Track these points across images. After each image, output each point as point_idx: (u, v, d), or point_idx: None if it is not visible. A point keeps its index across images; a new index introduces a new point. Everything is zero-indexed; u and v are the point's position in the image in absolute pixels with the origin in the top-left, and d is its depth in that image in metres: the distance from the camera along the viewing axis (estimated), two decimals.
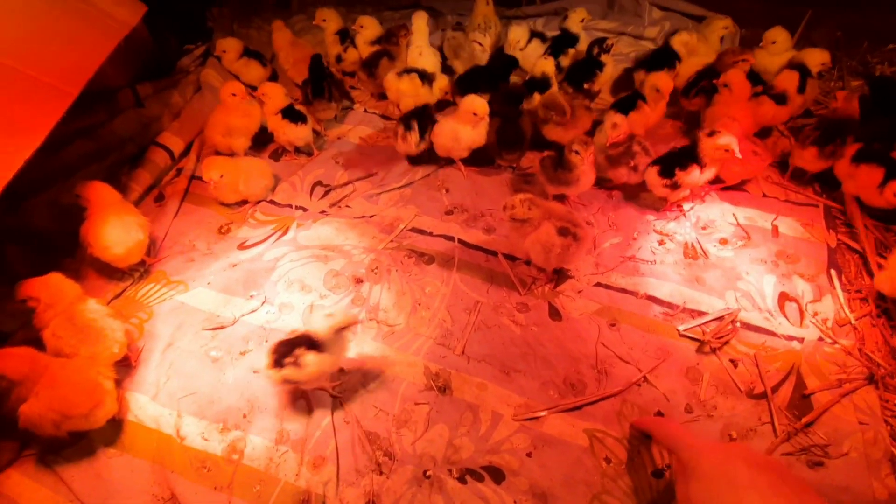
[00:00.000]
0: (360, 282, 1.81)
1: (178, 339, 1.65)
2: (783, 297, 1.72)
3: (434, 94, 2.47)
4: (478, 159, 2.22)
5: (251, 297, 1.76)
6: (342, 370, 1.55)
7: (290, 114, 2.21)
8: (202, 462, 1.38)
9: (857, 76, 2.65)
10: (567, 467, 1.35)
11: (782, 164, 2.21)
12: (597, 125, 2.20)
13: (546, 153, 2.00)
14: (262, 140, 2.34)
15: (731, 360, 1.57)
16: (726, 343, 1.60)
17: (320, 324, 1.37)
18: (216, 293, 1.77)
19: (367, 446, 1.39)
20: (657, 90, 2.12)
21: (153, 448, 1.40)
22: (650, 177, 1.92)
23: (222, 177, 1.96)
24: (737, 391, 1.50)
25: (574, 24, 2.59)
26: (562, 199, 2.02)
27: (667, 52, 2.41)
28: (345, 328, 1.38)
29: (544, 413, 1.45)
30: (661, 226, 1.97)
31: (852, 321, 1.63)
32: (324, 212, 2.08)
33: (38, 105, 1.53)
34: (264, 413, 1.47)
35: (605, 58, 2.40)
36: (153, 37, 2.48)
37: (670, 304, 1.71)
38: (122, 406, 1.46)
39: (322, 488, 1.32)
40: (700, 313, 1.68)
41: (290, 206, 2.11)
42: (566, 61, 2.57)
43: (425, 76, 2.41)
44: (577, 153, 1.83)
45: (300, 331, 1.40)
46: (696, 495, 1.02)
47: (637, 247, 1.89)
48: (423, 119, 2.14)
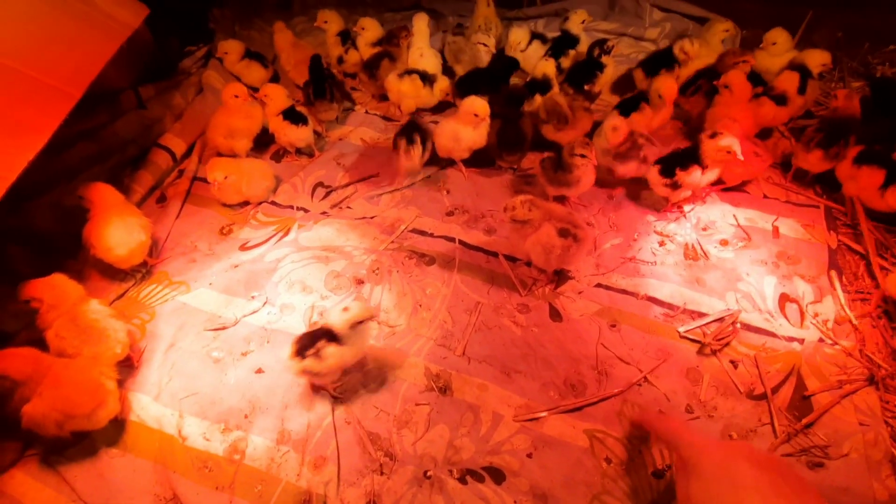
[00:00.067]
0: (361, 283, 1.81)
1: (179, 339, 1.66)
2: (784, 299, 1.72)
3: (435, 96, 2.48)
4: (479, 160, 2.23)
5: (252, 297, 1.77)
6: (345, 371, 1.56)
7: (290, 115, 2.21)
8: (204, 462, 1.38)
9: (857, 77, 2.65)
10: (567, 468, 1.35)
11: (783, 165, 2.21)
12: (597, 126, 2.20)
13: (546, 154, 2.00)
14: (263, 141, 2.35)
15: (732, 361, 1.57)
16: (727, 345, 1.60)
17: (337, 318, 1.38)
18: (218, 294, 1.78)
19: (367, 447, 1.40)
20: (660, 96, 2.12)
21: (155, 448, 1.41)
22: (652, 175, 1.93)
23: (226, 178, 1.96)
24: (737, 392, 1.50)
25: (575, 25, 2.60)
26: (562, 200, 2.03)
27: (667, 55, 2.42)
28: (362, 322, 1.39)
29: (545, 414, 1.45)
30: (662, 227, 1.97)
31: (853, 320, 1.63)
32: (325, 213, 2.08)
33: (41, 107, 1.54)
34: (265, 413, 1.47)
35: (605, 59, 2.41)
36: (155, 39, 2.49)
37: (671, 305, 1.71)
38: (124, 406, 1.46)
39: (323, 488, 1.33)
40: (700, 314, 1.68)
41: (291, 207, 2.12)
42: (567, 63, 2.58)
43: (426, 77, 2.42)
44: (584, 156, 1.83)
45: (320, 323, 1.42)
46: (696, 494, 1.02)
47: (637, 248, 1.90)
48: (421, 131, 2.10)
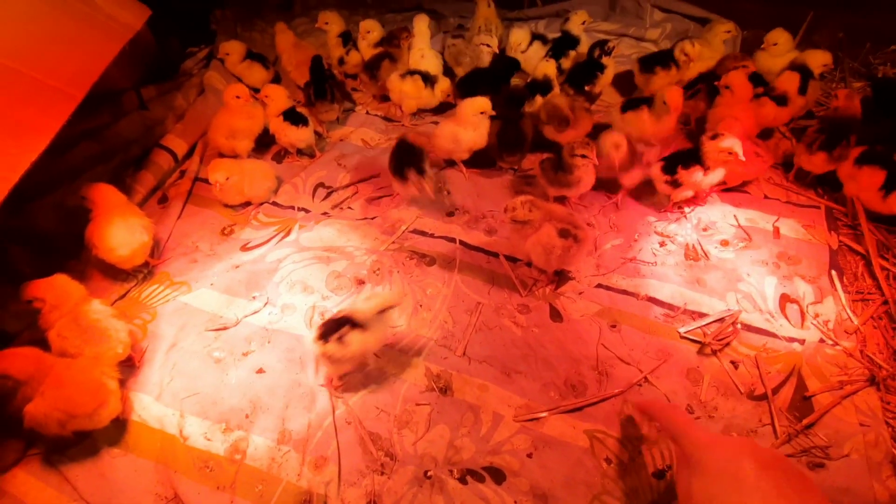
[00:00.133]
0: (361, 283, 1.82)
1: (181, 339, 1.66)
2: (784, 299, 1.72)
3: (436, 97, 2.48)
4: (479, 161, 2.23)
5: (254, 298, 1.77)
6: (360, 362, 1.56)
7: (291, 116, 2.22)
8: (205, 462, 1.39)
9: (859, 77, 2.64)
10: (568, 468, 1.35)
11: (784, 166, 2.21)
12: (598, 128, 2.19)
13: (546, 155, 2.00)
14: (264, 142, 2.36)
15: (732, 362, 1.57)
16: (727, 345, 1.60)
17: (363, 305, 1.40)
18: (219, 294, 1.78)
19: (368, 447, 1.40)
20: (664, 102, 2.04)
21: (156, 448, 1.41)
22: (654, 172, 1.94)
23: (228, 179, 1.97)
24: (737, 392, 1.50)
25: (575, 26, 2.60)
26: (562, 200, 2.03)
27: (665, 54, 2.42)
28: (387, 309, 1.42)
29: (545, 414, 1.46)
30: (663, 227, 1.97)
31: (854, 321, 1.63)
32: (326, 213, 2.09)
33: (43, 108, 1.54)
34: (266, 413, 1.48)
35: (606, 60, 2.41)
36: (157, 40, 2.50)
37: (671, 306, 1.71)
38: (125, 406, 1.46)
39: (324, 488, 1.33)
40: (701, 315, 1.68)
41: (292, 207, 2.12)
42: (567, 63, 2.58)
43: (428, 78, 2.43)
44: (584, 156, 1.83)
45: (345, 311, 1.44)
46: (698, 490, 1.00)
47: (638, 248, 1.90)
48: (420, 156, 1.96)
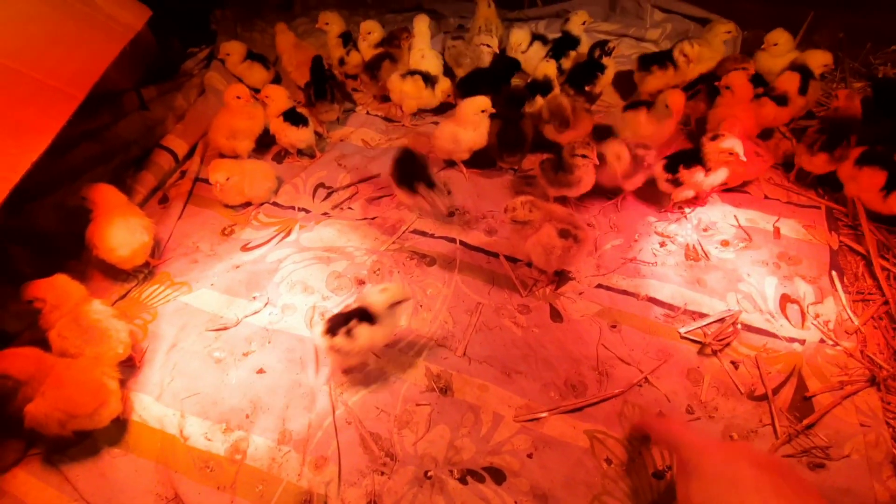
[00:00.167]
0: (362, 283, 1.82)
1: (181, 339, 1.66)
2: (785, 299, 1.72)
3: (436, 97, 2.48)
4: (479, 161, 2.23)
5: (254, 298, 1.77)
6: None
7: (291, 117, 2.22)
8: (205, 462, 1.39)
9: (859, 77, 2.64)
10: (568, 468, 1.36)
11: (784, 166, 2.21)
12: (599, 130, 2.18)
13: (546, 156, 2.00)
14: (265, 142, 2.36)
15: (732, 362, 1.57)
16: (727, 345, 1.60)
17: (375, 298, 1.41)
18: (219, 294, 1.78)
19: (368, 447, 1.40)
20: (666, 106, 2.03)
21: (157, 448, 1.42)
22: (657, 170, 1.94)
23: (228, 179, 1.97)
24: (738, 393, 1.50)
25: (575, 26, 2.60)
26: (563, 201, 2.03)
27: (664, 54, 2.42)
28: (398, 303, 1.43)
29: (545, 414, 1.46)
30: (663, 227, 1.97)
31: (854, 321, 1.63)
32: (326, 214, 2.09)
33: (44, 108, 1.54)
34: (267, 413, 1.48)
35: (606, 60, 2.41)
36: (157, 40, 2.51)
37: (671, 306, 1.71)
38: (126, 406, 1.47)
39: (324, 488, 1.33)
40: (701, 315, 1.68)
41: (292, 207, 2.12)
42: (568, 64, 2.58)
43: (429, 78, 2.43)
44: (585, 156, 1.83)
45: (354, 304, 1.45)
46: (696, 495, 1.01)
47: (638, 248, 1.90)
48: (429, 172, 1.96)
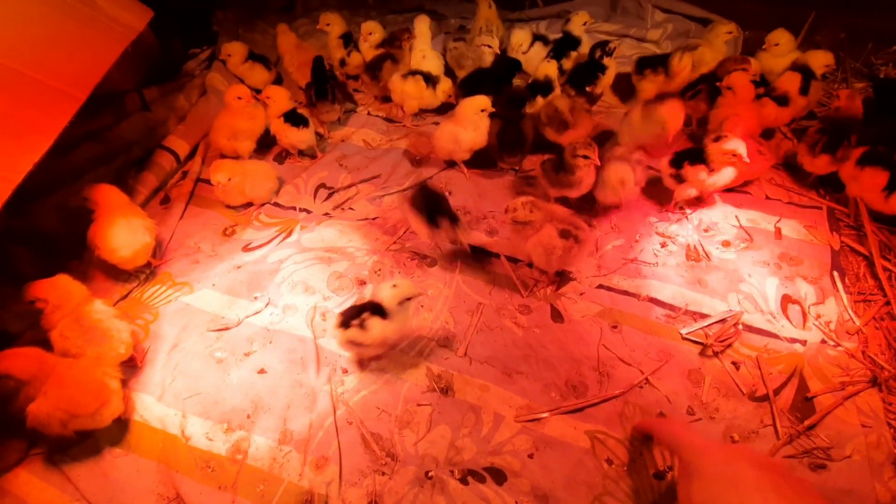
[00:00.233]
0: (363, 283, 1.82)
1: (183, 339, 1.67)
2: (786, 300, 1.72)
3: (438, 97, 2.48)
4: (480, 162, 2.23)
5: (255, 298, 1.78)
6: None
7: (291, 118, 2.22)
8: (207, 462, 1.39)
9: (860, 78, 2.64)
10: (569, 469, 1.36)
11: (785, 166, 2.21)
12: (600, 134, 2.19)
13: (547, 156, 2.00)
14: (266, 143, 2.36)
15: (734, 363, 1.57)
16: (729, 346, 1.60)
17: (386, 293, 1.43)
18: (221, 295, 1.79)
19: (369, 447, 1.40)
20: (664, 124, 2.01)
21: (158, 448, 1.42)
22: (662, 165, 1.94)
23: (230, 180, 1.97)
24: (739, 393, 1.50)
25: (576, 27, 2.60)
26: (564, 201, 2.02)
27: (663, 59, 2.41)
28: (409, 299, 1.44)
29: (546, 415, 1.46)
30: (664, 228, 1.97)
31: (856, 322, 1.63)
32: (327, 214, 2.09)
33: (46, 109, 1.55)
34: (268, 413, 1.48)
35: (607, 61, 2.40)
36: (159, 41, 2.51)
37: (672, 307, 1.71)
38: (127, 406, 1.47)
39: (325, 488, 1.33)
40: (702, 315, 1.68)
41: (294, 208, 2.13)
42: (568, 64, 2.58)
43: (430, 79, 2.43)
44: (586, 157, 1.83)
45: (367, 298, 1.48)
46: (697, 495, 1.01)
47: (639, 249, 1.90)
48: (450, 208, 1.82)
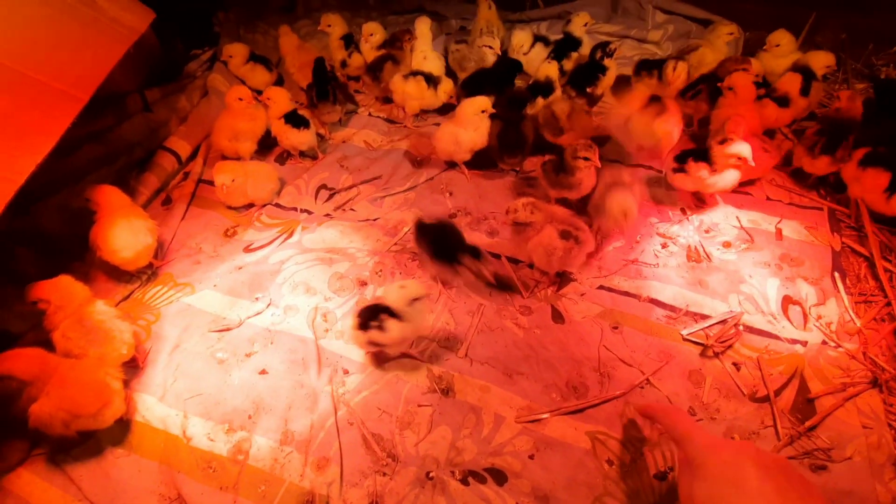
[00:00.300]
0: (364, 284, 1.82)
1: (184, 340, 1.67)
2: (787, 301, 1.72)
3: (439, 97, 2.49)
4: (481, 162, 2.23)
5: (257, 299, 1.78)
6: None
7: (292, 119, 2.23)
8: (208, 462, 1.40)
9: (861, 79, 2.64)
10: (569, 469, 1.36)
11: (786, 167, 2.20)
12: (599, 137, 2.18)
13: (547, 157, 2.01)
14: (267, 144, 2.37)
15: (734, 364, 1.56)
16: (729, 347, 1.60)
17: (395, 295, 1.44)
18: (222, 295, 1.79)
19: (370, 447, 1.41)
20: (658, 140, 2.01)
21: (160, 448, 1.42)
22: (667, 161, 1.94)
23: (233, 181, 1.98)
24: (739, 394, 1.50)
25: (577, 27, 2.60)
26: (564, 202, 2.03)
27: (660, 63, 2.40)
28: (417, 299, 1.44)
29: (547, 415, 1.46)
30: (665, 229, 1.97)
31: (857, 323, 1.63)
32: (328, 215, 2.10)
33: (48, 110, 1.56)
34: (269, 414, 1.48)
35: (607, 62, 2.40)
36: (161, 42, 2.52)
37: (673, 308, 1.71)
38: (129, 407, 1.48)
39: (326, 489, 1.33)
40: (703, 316, 1.68)
41: (295, 209, 2.13)
42: (569, 65, 2.58)
43: (431, 79, 2.44)
44: (587, 159, 1.82)
45: (368, 299, 1.48)
46: (699, 493, 1.00)
47: (640, 250, 1.90)
48: (471, 245, 1.70)
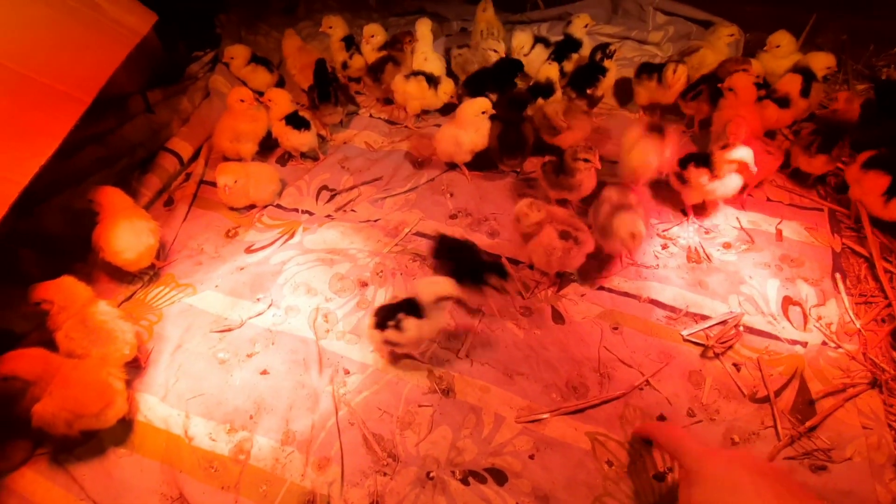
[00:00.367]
0: (364, 285, 1.83)
1: (186, 340, 1.68)
2: (787, 301, 1.72)
3: (440, 98, 2.50)
4: (481, 163, 2.24)
5: (258, 299, 1.79)
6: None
7: (293, 120, 2.23)
8: (210, 462, 1.40)
9: (862, 80, 2.64)
10: (569, 470, 1.36)
11: (786, 168, 2.20)
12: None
13: (547, 158, 2.01)
14: (268, 145, 2.38)
15: (734, 364, 1.57)
16: (730, 348, 1.60)
17: (425, 290, 1.43)
18: (224, 296, 1.80)
19: (371, 447, 1.41)
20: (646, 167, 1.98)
21: (162, 448, 1.43)
22: (671, 164, 1.94)
23: (235, 182, 1.98)
24: (740, 395, 1.50)
25: (577, 29, 2.61)
26: (564, 203, 2.03)
27: (661, 66, 2.39)
28: (445, 298, 1.44)
29: (547, 416, 1.46)
30: (665, 230, 1.97)
31: (857, 324, 1.63)
32: (329, 216, 2.10)
33: (51, 112, 1.57)
34: (270, 414, 1.49)
35: (608, 63, 2.41)
36: (163, 44, 2.53)
37: (673, 308, 1.71)
38: (131, 406, 1.48)
39: (327, 489, 1.34)
40: (703, 317, 1.68)
41: (296, 210, 2.14)
42: (570, 66, 2.58)
43: (432, 79, 2.45)
44: (587, 160, 1.83)
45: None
46: (698, 501, 1.02)
47: (640, 250, 1.90)
48: (496, 265, 1.66)
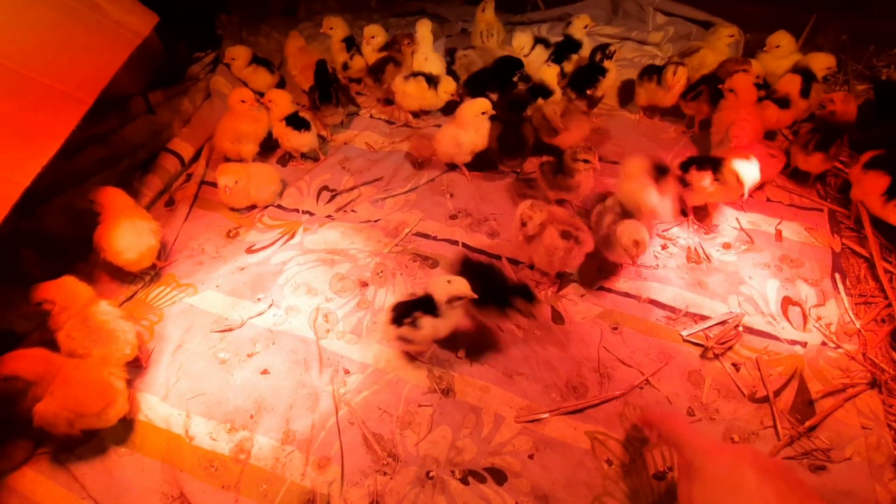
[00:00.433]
0: (365, 285, 1.83)
1: (187, 340, 1.68)
2: (786, 302, 1.72)
3: (440, 98, 2.50)
4: (481, 164, 2.24)
5: (258, 299, 1.79)
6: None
7: (293, 121, 2.24)
8: (210, 461, 1.41)
9: (862, 80, 2.64)
10: (569, 469, 1.36)
11: (786, 169, 2.20)
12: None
13: (546, 159, 2.01)
14: (269, 146, 2.38)
15: (734, 364, 1.57)
16: (730, 348, 1.60)
17: (439, 288, 1.43)
18: (224, 296, 1.81)
19: (371, 447, 1.42)
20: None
21: (163, 447, 1.44)
22: (674, 165, 1.94)
23: (236, 182, 1.99)
24: (739, 395, 1.50)
25: (577, 30, 2.61)
26: (563, 204, 2.03)
27: (659, 68, 2.39)
28: (460, 298, 1.43)
29: (546, 415, 1.46)
30: (665, 230, 1.97)
31: (856, 324, 1.63)
32: (330, 216, 2.11)
33: (53, 113, 1.57)
34: (271, 414, 1.50)
35: (608, 64, 2.41)
36: (164, 45, 2.54)
37: (673, 308, 1.72)
38: (132, 406, 1.49)
39: (327, 488, 1.34)
40: (702, 317, 1.68)
41: (297, 210, 2.15)
42: (569, 67, 2.59)
43: (432, 80, 2.45)
44: (587, 161, 1.83)
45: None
46: (698, 497, 1.01)
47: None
48: (523, 288, 1.56)
